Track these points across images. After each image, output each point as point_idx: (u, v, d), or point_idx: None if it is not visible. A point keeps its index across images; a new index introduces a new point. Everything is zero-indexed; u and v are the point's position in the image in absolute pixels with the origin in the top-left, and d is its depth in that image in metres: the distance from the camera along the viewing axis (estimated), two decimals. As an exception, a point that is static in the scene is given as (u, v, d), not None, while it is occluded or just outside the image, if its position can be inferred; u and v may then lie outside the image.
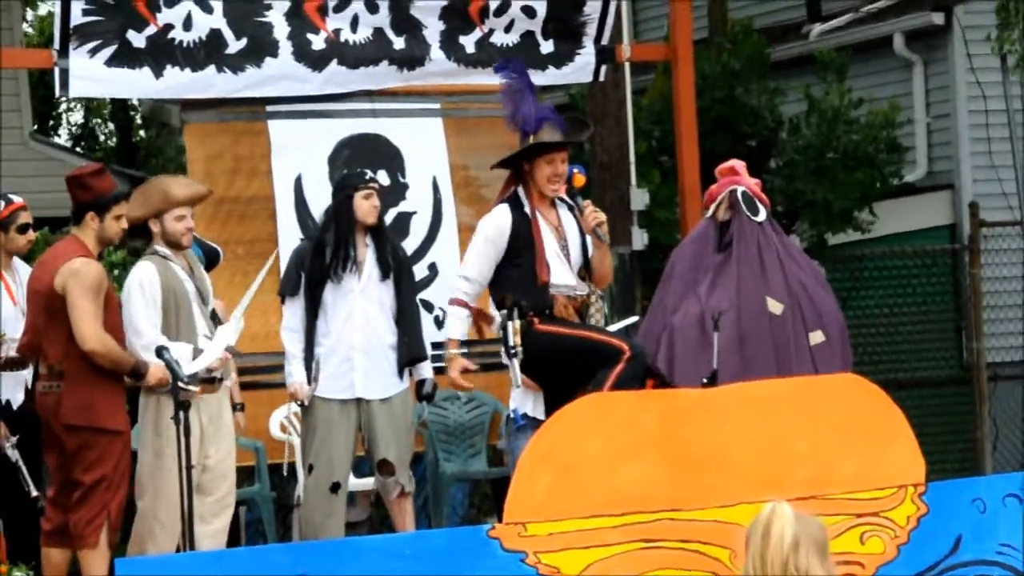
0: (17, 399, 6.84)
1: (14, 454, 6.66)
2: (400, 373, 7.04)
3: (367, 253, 7.00)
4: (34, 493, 6.63)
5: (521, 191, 6.64)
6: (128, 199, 6.51)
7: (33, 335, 6.50)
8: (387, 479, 6.93)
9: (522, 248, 6.53)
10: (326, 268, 6.88)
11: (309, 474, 6.90)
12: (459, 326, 6.69)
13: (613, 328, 7.22)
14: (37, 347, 6.46)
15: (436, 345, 7.90)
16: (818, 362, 6.64)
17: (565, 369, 6.46)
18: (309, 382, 6.86)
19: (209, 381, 6.47)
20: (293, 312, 6.96)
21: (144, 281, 6.48)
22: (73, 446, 6.33)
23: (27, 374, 6.86)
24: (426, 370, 7.14)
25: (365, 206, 6.99)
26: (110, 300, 6.44)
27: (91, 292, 6.27)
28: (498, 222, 6.59)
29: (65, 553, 6.46)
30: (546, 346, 6.48)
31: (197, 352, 6.43)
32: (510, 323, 6.44)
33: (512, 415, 7.50)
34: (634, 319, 7.69)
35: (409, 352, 7.02)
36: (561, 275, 6.59)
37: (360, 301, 6.93)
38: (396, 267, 7.04)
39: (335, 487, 6.86)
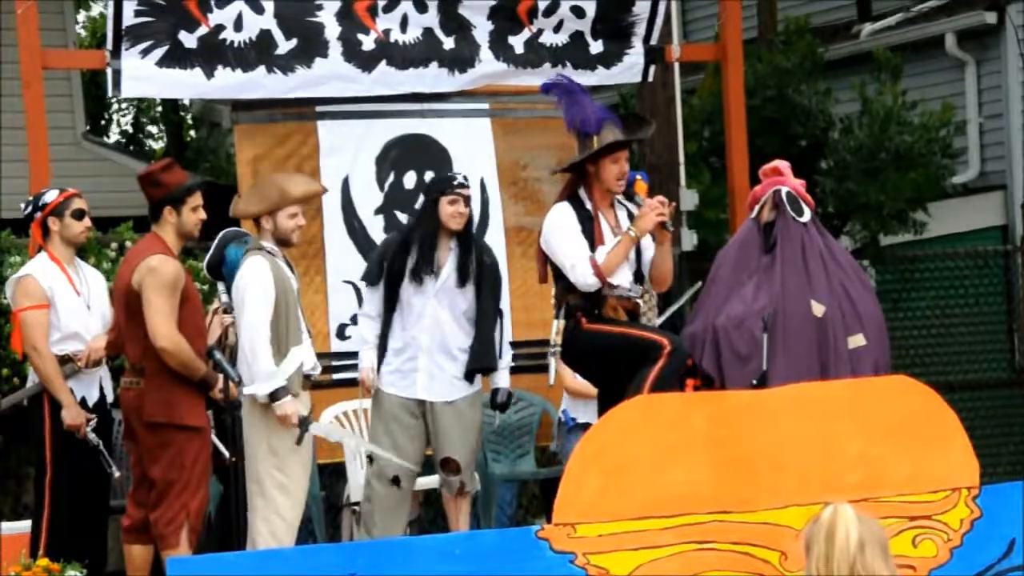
0: (92, 396, 6.89)
1: (94, 438, 6.73)
2: (469, 378, 7.02)
3: (448, 257, 6.97)
4: (116, 473, 6.66)
5: (583, 192, 6.64)
6: (202, 189, 6.52)
7: (117, 333, 6.58)
8: (450, 477, 6.95)
9: None
10: (406, 266, 6.89)
11: (370, 463, 6.95)
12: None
13: (685, 297, 7.23)
14: (120, 345, 6.52)
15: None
16: (855, 365, 6.60)
17: (610, 366, 6.49)
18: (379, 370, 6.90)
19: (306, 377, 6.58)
20: (372, 300, 6.99)
21: (263, 279, 6.45)
22: (152, 443, 6.37)
23: (102, 371, 6.91)
24: (501, 379, 7.11)
25: (449, 211, 6.97)
26: (191, 300, 6.42)
27: (166, 289, 6.28)
28: (566, 213, 6.57)
29: (146, 549, 6.49)
30: (592, 345, 6.51)
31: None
32: (555, 321, 6.50)
33: (563, 416, 7.50)
34: (698, 285, 7.66)
35: (476, 360, 6.99)
36: (617, 276, 6.58)
37: (432, 303, 6.92)
38: (478, 274, 6.99)
39: (394, 480, 6.89)
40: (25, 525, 7.11)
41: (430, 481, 7.52)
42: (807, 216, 6.87)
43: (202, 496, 6.41)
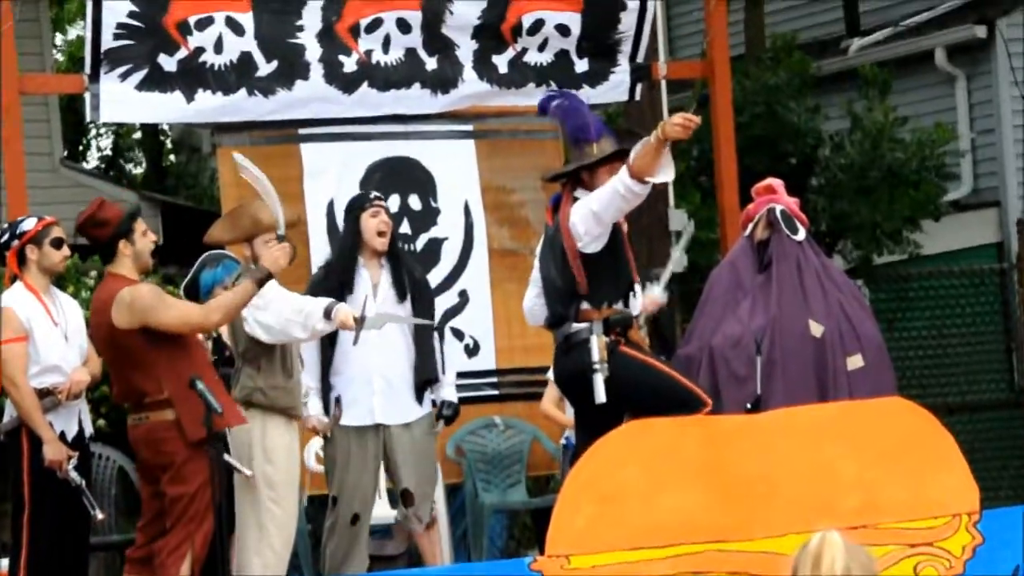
0: (71, 430, 6.74)
1: (76, 476, 6.59)
2: (418, 397, 6.88)
3: (382, 275, 6.84)
4: (99, 516, 6.54)
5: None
6: (140, 213, 6.44)
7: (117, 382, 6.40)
8: (408, 510, 6.81)
9: (603, 251, 6.19)
10: (332, 293, 6.68)
11: (334, 506, 6.79)
12: None
13: (664, 280, 7.12)
14: (128, 392, 6.32)
15: (466, 374, 7.74)
16: (853, 387, 6.49)
17: (641, 400, 6.06)
18: (326, 413, 6.74)
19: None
20: (306, 345, 6.75)
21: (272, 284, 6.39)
22: (181, 463, 6.17)
23: (80, 405, 6.77)
24: (448, 393, 6.97)
25: (372, 224, 6.84)
26: None
27: (160, 298, 6.17)
28: None
29: None
30: (631, 373, 6.11)
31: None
32: (594, 337, 6.11)
33: (566, 443, 7.35)
34: (677, 251, 7.55)
35: (421, 372, 6.83)
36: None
37: None
38: (412, 289, 6.88)
39: (354, 519, 6.73)
40: (2, 564, 6.97)
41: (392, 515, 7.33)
42: (802, 235, 6.79)
43: (208, 527, 6.22)
